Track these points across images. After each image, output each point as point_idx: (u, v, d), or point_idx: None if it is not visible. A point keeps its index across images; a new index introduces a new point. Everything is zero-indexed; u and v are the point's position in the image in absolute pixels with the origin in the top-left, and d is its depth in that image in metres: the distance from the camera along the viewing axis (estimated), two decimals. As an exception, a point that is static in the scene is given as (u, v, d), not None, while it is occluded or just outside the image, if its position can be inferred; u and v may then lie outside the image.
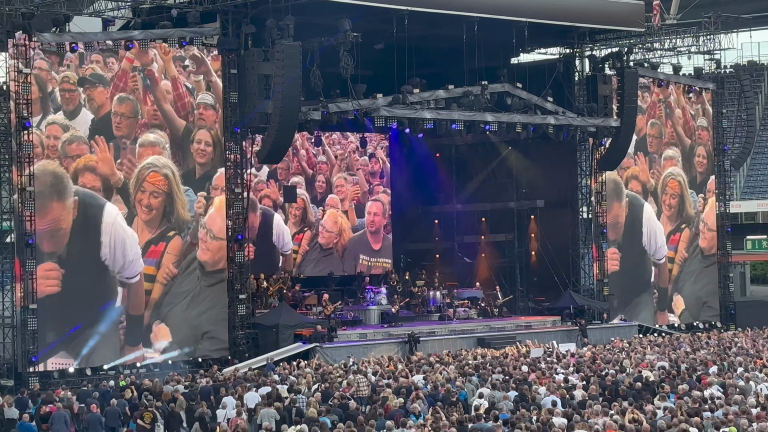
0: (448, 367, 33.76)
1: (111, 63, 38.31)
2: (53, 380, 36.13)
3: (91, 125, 38.09)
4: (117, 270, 38.34)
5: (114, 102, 38.45)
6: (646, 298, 51.78)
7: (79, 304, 37.42)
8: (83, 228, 37.71)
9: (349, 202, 51.36)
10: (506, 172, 52.69)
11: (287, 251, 48.99)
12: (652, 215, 52.23)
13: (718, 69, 55.46)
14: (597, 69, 49.42)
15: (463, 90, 44.34)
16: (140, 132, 38.99)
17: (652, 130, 52.35)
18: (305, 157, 49.97)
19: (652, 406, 24.85)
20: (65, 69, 37.43)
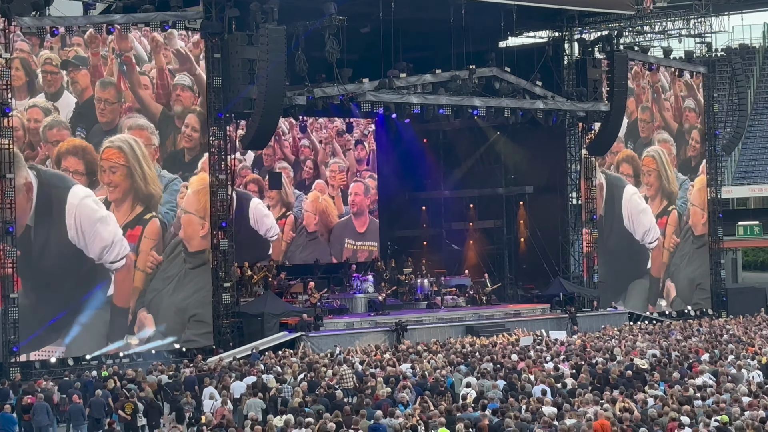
0: (436, 356, 33.81)
1: (93, 46, 38.10)
2: (35, 371, 36.05)
3: (75, 109, 37.89)
4: (96, 255, 38.02)
5: (97, 87, 38.26)
6: (637, 285, 51.87)
7: (61, 293, 37.28)
8: (46, 210, 37.29)
9: (336, 189, 51.35)
10: (495, 158, 52.70)
11: (273, 237, 48.87)
12: (635, 197, 52.21)
13: (709, 52, 55.51)
14: (586, 53, 49.38)
15: (451, 74, 44.32)
16: (124, 117, 38.79)
17: (643, 115, 52.39)
18: (291, 143, 49.90)
19: (643, 394, 24.93)
20: (48, 51, 37.21)
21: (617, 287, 50.91)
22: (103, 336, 38.14)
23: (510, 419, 22.08)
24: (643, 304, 51.75)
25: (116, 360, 37.49)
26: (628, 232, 51.75)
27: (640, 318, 49.42)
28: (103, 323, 38.19)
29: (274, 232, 49.00)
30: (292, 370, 31.50)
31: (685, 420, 21.60)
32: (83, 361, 37.34)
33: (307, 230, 50.12)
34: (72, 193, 37.73)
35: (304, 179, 50.40)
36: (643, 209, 52.37)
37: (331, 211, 51.09)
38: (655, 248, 52.48)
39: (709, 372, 28.13)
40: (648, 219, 52.38)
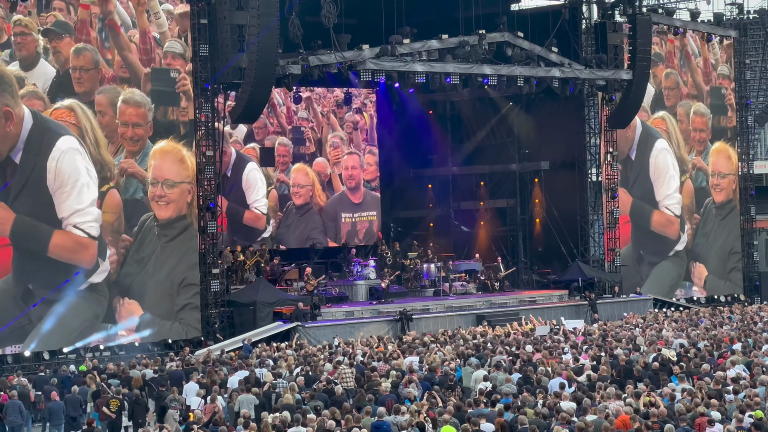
0: (444, 348, 33.81)
1: (73, 11, 38.01)
2: (6, 365, 36.08)
3: (54, 79, 37.69)
4: (66, 213, 37.59)
5: (71, 55, 38.14)
6: (661, 268, 52.02)
7: (36, 278, 37.18)
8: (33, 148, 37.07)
9: (335, 166, 51.25)
10: (507, 131, 52.67)
11: (258, 207, 48.67)
12: (664, 152, 52.26)
13: (741, 14, 55.43)
14: (606, 16, 49.36)
15: (459, 40, 44.23)
16: (106, 86, 38.72)
17: (667, 82, 52.45)
18: (286, 116, 49.84)
19: (669, 388, 24.91)
20: (22, 16, 36.99)
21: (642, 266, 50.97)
22: (83, 327, 38.12)
23: (525, 416, 22.07)
24: (670, 288, 51.87)
25: (96, 353, 37.52)
26: (651, 186, 51.81)
27: (666, 305, 49.45)
28: (82, 313, 38.18)
29: (262, 204, 48.79)
30: (287, 364, 31.50)
31: (716, 415, 21.58)
32: (60, 354, 37.35)
33: (296, 206, 49.94)
34: (63, 140, 37.55)
35: (303, 154, 50.35)
36: (669, 165, 52.49)
37: (316, 177, 50.78)
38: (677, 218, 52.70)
39: (741, 363, 28.10)
40: (672, 179, 52.43)
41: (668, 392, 24.27)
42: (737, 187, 54.91)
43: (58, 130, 37.51)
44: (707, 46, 53.63)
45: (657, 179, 52.25)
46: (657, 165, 52.35)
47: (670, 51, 52.54)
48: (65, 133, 37.64)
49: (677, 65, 52.84)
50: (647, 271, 51.85)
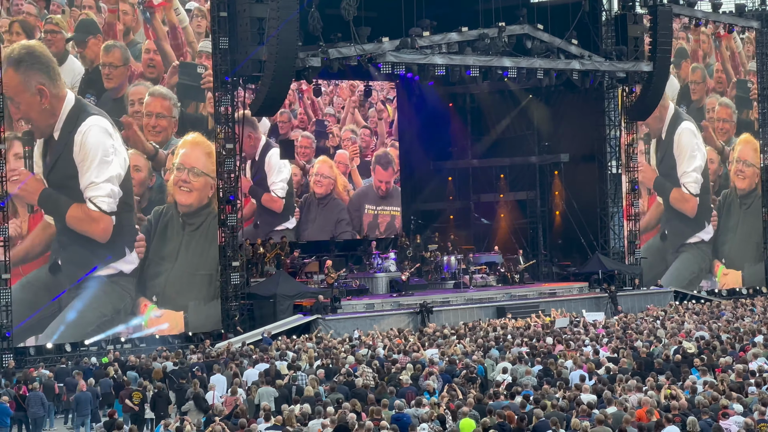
0: (464, 340, 33.80)
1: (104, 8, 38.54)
2: (29, 357, 36.20)
3: (83, 76, 38.06)
4: (85, 186, 37.78)
5: (101, 51, 38.45)
6: (687, 255, 52.00)
7: (60, 273, 37.35)
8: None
9: (351, 161, 51.37)
10: (527, 124, 52.62)
11: (278, 193, 48.92)
12: (688, 131, 52.35)
13: (763, 5, 55.20)
14: (627, 7, 49.21)
15: (479, 32, 44.18)
16: (134, 81, 39.00)
17: (693, 76, 52.47)
18: (310, 109, 49.96)
19: (690, 380, 24.86)
20: (55, 15, 37.55)
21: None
22: (104, 320, 38.25)
23: (545, 409, 22.03)
24: (691, 280, 51.83)
25: (117, 345, 37.61)
26: (674, 163, 51.90)
27: (687, 297, 49.35)
28: (103, 305, 38.30)
29: (279, 188, 49.02)
30: (307, 356, 31.52)
31: (738, 408, 21.53)
32: (82, 346, 37.46)
33: (315, 195, 50.15)
34: (93, 117, 38.08)
35: (326, 147, 50.56)
36: (692, 145, 52.60)
37: (339, 173, 51.02)
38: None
39: (763, 356, 28.03)
40: (692, 159, 52.45)
41: (689, 385, 24.22)
42: (760, 179, 54.76)
43: (92, 111, 38.04)
44: (733, 38, 53.46)
45: (679, 156, 52.21)
46: (680, 143, 52.34)
47: (696, 44, 52.47)
48: (98, 114, 38.12)
49: (701, 57, 52.74)
50: (672, 259, 51.71)
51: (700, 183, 52.77)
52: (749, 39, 54.19)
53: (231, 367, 30.14)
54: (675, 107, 51.94)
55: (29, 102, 36.86)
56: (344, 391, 25.91)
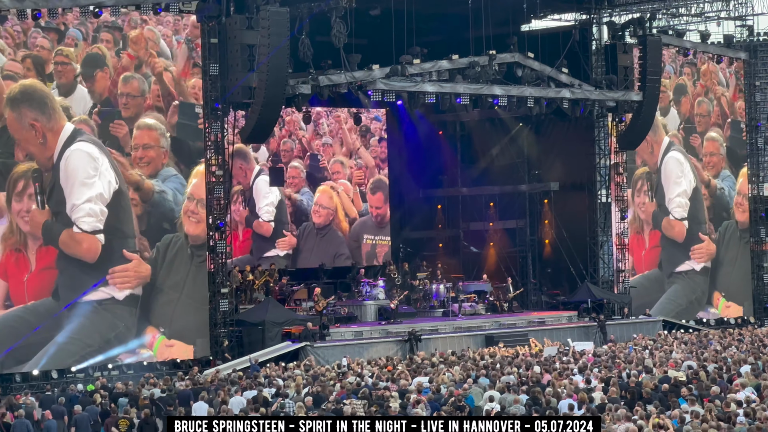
0: (452, 368, 33.72)
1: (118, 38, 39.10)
2: (15, 384, 36.03)
3: (94, 106, 38.59)
4: (69, 209, 37.92)
5: (120, 82, 38.95)
6: (680, 285, 52.11)
7: (60, 300, 37.63)
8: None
9: (353, 186, 51.56)
10: (517, 152, 52.67)
11: (265, 218, 49.00)
12: (674, 159, 52.36)
13: (751, 36, 55.37)
14: (617, 37, 49.32)
15: (469, 60, 44.25)
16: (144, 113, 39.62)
17: (699, 109, 52.98)
18: (306, 138, 50.25)
19: (679, 410, 24.80)
20: (68, 46, 38.11)
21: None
22: (90, 348, 38.15)
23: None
24: (687, 309, 51.89)
25: (104, 372, 37.45)
26: (663, 191, 52.00)
27: (675, 326, 49.31)
28: (92, 331, 38.26)
29: (265, 212, 49.15)
30: (295, 384, 31.41)
31: (726, 438, 21.50)
32: (68, 373, 37.31)
33: (315, 225, 50.29)
34: (77, 142, 38.29)
35: (321, 177, 50.85)
36: (677, 170, 52.57)
37: (339, 203, 51.13)
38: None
39: (751, 386, 27.98)
40: (677, 185, 52.47)
41: (677, 414, 24.17)
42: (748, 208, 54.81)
43: (80, 138, 38.32)
44: (728, 74, 53.76)
45: (666, 183, 52.25)
46: (666, 170, 52.32)
47: (698, 79, 53.00)
48: (86, 140, 38.34)
49: (703, 92, 53.20)
50: (667, 288, 51.82)
51: (686, 207, 52.67)
52: (733, 70, 54.30)
53: (220, 394, 30.04)
54: (668, 140, 52.06)
55: (26, 138, 37.25)
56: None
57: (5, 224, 36.94)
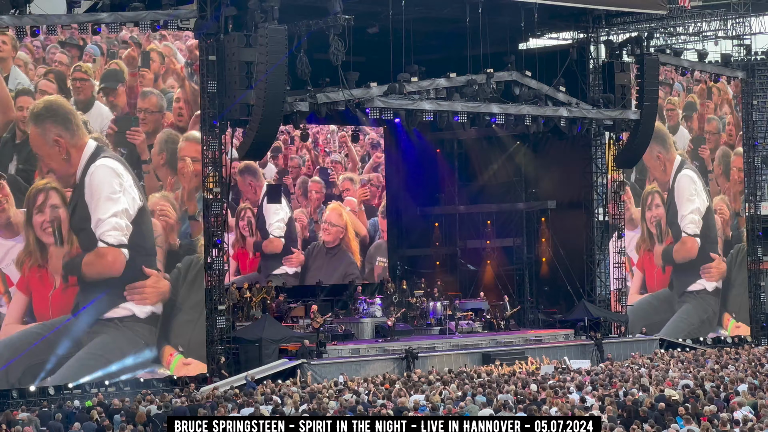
0: (449, 386, 33.72)
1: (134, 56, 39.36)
2: (12, 400, 36.01)
3: (113, 121, 38.89)
4: (94, 224, 38.19)
5: (139, 98, 39.23)
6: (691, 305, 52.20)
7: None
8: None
9: (359, 204, 51.85)
10: (514, 170, 52.71)
11: (275, 234, 49.23)
12: (686, 177, 52.51)
13: (748, 56, 55.51)
14: (614, 56, 49.41)
15: (467, 78, 44.31)
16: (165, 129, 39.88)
17: (709, 126, 53.29)
18: (316, 158, 50.81)
19: (675, 428, 24.81)
20: (87, 62, 38.38)
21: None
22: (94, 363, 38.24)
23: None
24: (698, 330, 52.02)
25: (101, 388, 37.43)
26: (676, 209, 52.11)
27: (673, 345, 49.29)
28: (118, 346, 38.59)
29: (274, 228, 49.41)
30: (292, 401, 31.42)
31: (723, 457, 21.52)
32: (65, 389, 37.30)
33: (325, 245, 50.52)
34: (101, 158, 38.58)
35: (334, 194, 51.34)
36: (690, 188, 52.75)
37: (356, 227, 51.42)
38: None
39: (748, 405, 27.99)
40: (689, 202, 52.56)
41: (674, 433, 24.20)
42: (745, 228, 54.86)
43: (105, 154, 38.64)
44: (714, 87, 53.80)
45: (679, 201, 52.39)
46: (679, 188, 52.45)
47: (708, 98, 53.42)
48: (110, 156, 38.65)
49: (712, 110, 53.39)
50: (677, 307, 51.86)
51: (699, 224, 52.75)
52: (731, 89, 54.43)
53: (220, 411, 30.03)
54: (680, 158, 52.28)
55: (50, 154, 37.52)
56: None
57: (22, 242, 37.05)
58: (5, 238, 36.90)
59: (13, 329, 36.88)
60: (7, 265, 36.88)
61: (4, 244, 36.88)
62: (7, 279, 36.88)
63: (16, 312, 37.03)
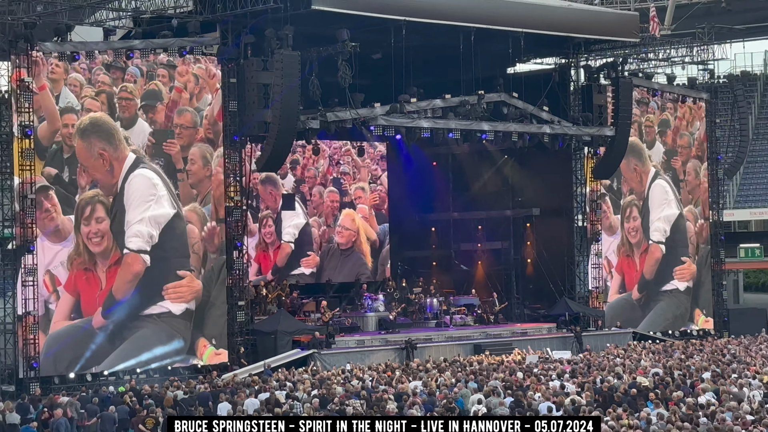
0: (443, 374, 33.70)
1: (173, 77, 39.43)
2: (54, 386, 36.02)
3: (150, 135, 38.98)
4: (126, 229, 38.23)
5: (175, 114, 39.35)
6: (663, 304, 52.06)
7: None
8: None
9: (370, 209, 51.94)
10: (502, 181, 52.65)
11: (287, 240, 49.16)
12: (659, 186, 52.28)
13: (712, 79, 55.49)
14: (592, 79, 49.37)
15: (460, 99, 44.28)
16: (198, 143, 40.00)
17: (681, 141, 53.11)
18: (325, 166, 50.77)
19: (646, 412, 24.79)
20: (129, 83, 38.47)
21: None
22: (126, 353, 38.24)
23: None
24: (666, 325, 52.01)
25: (133, 375, 37.43)
26: (649, 217, 51.95)
27: (644, 337, 49.21)
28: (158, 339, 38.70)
29: (287, 234, 49.31)
30: (304, 387, 31.41)
31: (688, 438, 21.50)
32: (101, 376, 37.30)
33: (339, 246, 50.54)
34: (139, 168, 38.68)
35: (348, 202, 51.40)
36: (660, 197, 52.50)
37: (367, 232, 51.43)
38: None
39: (711, 391, 27.98)
40: (658, 210, 52.35)
41: (645, 416, 24.16)
42: (710, 233, 54.75)
43: (143, 165, 38.70)
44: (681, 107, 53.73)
45: (652, 210, 52.25)
46: (652, 197, 52.27)
47: (681, 114, 53.21)
48: (147, 167, 38.72)
49: (685, 126, 53.31)
50: (652, 305, 51.73)
51: (664, 232, 52.62)
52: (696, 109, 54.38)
53: (240, 395, 30.04)
54: (654, 170, 52.16)
55: (94, 165, 37.69)
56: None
57: (71, 246, 37.06)
58: (53, 243, 36.92)
59: (60, 325, 36.95)
60: (56, 267, 36.90)
61: (53, 248, 36.88)
62: (56, 280, 36.91)
63: (64, 310, 37.08)
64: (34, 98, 36.41)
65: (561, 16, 46.95)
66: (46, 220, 36.77)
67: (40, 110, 36.68)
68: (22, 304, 35.94)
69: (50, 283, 36.79)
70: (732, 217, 62.77)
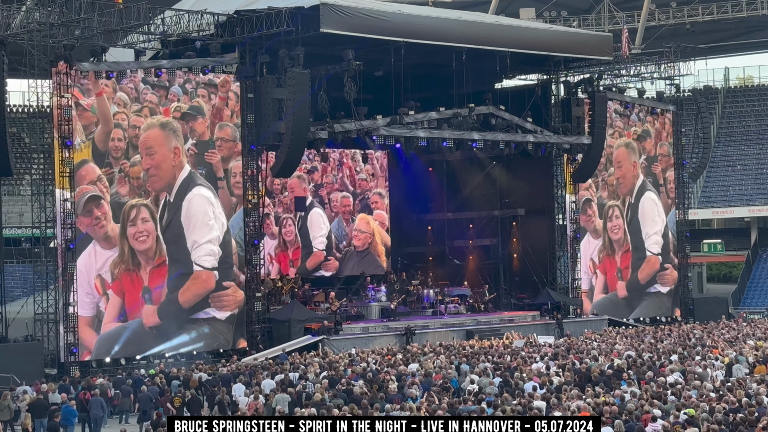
0: (439, 357, 33.71)
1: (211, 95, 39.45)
2: (92, 369, 36.05)
3: (192, 147, 39.14)
4: (191, 247, 38.21)
5: (216, 128, 39.48)
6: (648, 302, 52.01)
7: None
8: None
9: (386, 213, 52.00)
10: (491, 184, 52.67)
11: (318, 247, 49.10)
12: (650, 201, 52.16)
13: (678, 93, 55.44)
14: (570, 93, 49.39)
15: (453, 112, 44.31)
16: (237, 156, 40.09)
17: (661, 149, 53.12)
18: (348, 175, 50.52)
19: (620, 390, 24.80)
20: (175, 102, 38.53)
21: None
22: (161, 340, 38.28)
23: (503, 412, 21.93)
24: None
25: (162, 359, 37.45)
26: (638, 226, 51.84)
27: (618, 324, 49.18)
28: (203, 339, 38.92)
29: (318, 242, 49.15)
30: (314, 369, 31.42)
31: (657, 413, 21.50)
32: (134, 360, 37.32)
33: (355, 247, 50.45)
34: (197, 187, 38.67)
35: (364, 206, 51.26)
36: (653, 210, 52.41)
37: (381, 236, 51.39)
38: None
39: (678, 371, 27.99)
40: (654, 223, 52.27)
41: (619, 394, 24.18)
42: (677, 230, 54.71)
43: (198, 182, 38.75)
44: (650, 117, 53.68)
45: (643, 221, 52.19)
46: (644, 210, 52.22)
47: (660, 126, 53.18)
48: (203, 185, 38.79)
49: (664, 137, 53.23)
50: (637, 304, 51.69)
51: (661, 244, 52.65)
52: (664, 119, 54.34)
53: (257, 377, 30.05)
54: (643, 178, 52.08)
55: (164, 155, 37.78)
56: (344, 397, 25.81)
57: (116, 253, 36.96)
58: (104, 249, 36.86)
59: (111, 326, 36.95)
60: (105, 271, 36.88)
61: (104, 253, 36.82)
62: (106, 283, 36.87)
63: (113, 312, 37.04)
64: (84, 114, 36.43)
65: (543, 37, 47.02)
66: (96, 227, 36.69)
67: (90, 122, 36.61)
68: (63, 297, 35.93)
69: (100, 286, 36.73)
70: (696, 216, 62.86)
